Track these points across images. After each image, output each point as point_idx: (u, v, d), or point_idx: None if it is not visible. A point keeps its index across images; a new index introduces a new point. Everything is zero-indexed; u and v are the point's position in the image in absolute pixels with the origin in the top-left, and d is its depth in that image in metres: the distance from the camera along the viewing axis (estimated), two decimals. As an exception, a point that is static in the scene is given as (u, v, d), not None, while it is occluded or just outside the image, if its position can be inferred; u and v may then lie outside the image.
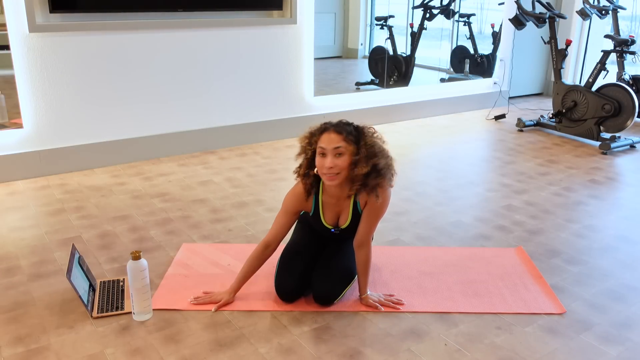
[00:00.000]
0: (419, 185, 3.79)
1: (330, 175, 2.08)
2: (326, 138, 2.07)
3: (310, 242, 2.46)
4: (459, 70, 6.27)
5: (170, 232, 3.02)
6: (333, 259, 2.39)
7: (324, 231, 2.38)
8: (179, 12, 4.11)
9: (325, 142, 2.07)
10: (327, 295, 2.29)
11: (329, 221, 2.32)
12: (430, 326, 2.20)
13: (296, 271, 2.33)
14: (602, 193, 3.71)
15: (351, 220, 2.30)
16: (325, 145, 2.07)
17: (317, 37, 4.83)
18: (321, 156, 2.09)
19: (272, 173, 3.99)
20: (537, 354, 2.04)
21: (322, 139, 2.09)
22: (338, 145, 2.05)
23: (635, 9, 6.87)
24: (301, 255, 2.40)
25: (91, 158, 4.02)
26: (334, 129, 2.08)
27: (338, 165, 2.06)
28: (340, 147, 2.05)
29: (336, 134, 2.06)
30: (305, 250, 2.42)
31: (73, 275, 2.19)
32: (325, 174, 2.09)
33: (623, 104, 4.66)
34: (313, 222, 2.37)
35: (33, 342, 2.07)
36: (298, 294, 2.33)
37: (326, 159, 2.06)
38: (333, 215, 2.30)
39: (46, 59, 3.70)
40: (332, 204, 2.28)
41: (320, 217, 2.31)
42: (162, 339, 2.09)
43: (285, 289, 2.31)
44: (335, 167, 2.06)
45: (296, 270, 2.34)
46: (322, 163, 2.08)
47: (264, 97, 4.68)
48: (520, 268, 2.66)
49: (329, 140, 2.06)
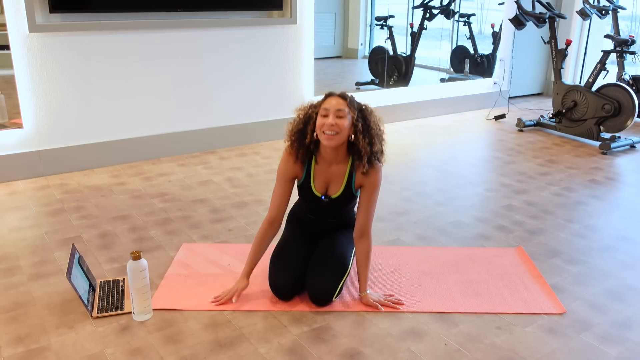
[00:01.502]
0: (419, 185, 3.79)
1: (330, 135, 2.17)
2: (330, 101, 2.20)
3: (300, 238, 2.47)
4: (459, 70, 6.27)
5: (170, 232, 3.02)
6: (326, 251, 2.39)
7: (313, 202, 2.39)
8: (179, 12, 4.11)
9: (328, 104, 2.19)
10: (324, 292, 2.28)
11: (318, 189, 2.36)
12: (430, 326, 2.20)
13: (289, 266, 2.34)
14: (602, 193, 3.71)
15: (343, 191, 2.34)
16: (328, 106, 2.18)
17: (317, 37, 4.84)
18: (323, 117, 2.19)
19: (272, 173, 3.99)
20: (537, 354, 2.04)
21: (325, 102, 2.21)
22: (340, 108, 2.17)
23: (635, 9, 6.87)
24: (292, 250, 2.40)
25: (91, 158, 4.02)
26: (338, 95, 2.22)
27: (338, 125, 2.16)
28: (343, 110, 2.17)
29: (340, 98, 2.20)
30: (296, 246, 2.43)
31: (73, 275, 2.19)
32: (325, 132, 2.18)
33: (623, 104, 4.66)
34: (303, 192, 2.40)
35: (33, 342, 2.07)
36: (293, 290, 2.32)
37: (328, 118, 2.17)
38: (323, 184, 2.35)
39: (46, 59, 3.70)
40: (323, 172, 2.33)
41: (310, 184, 2.35)
42: (162, 339, 2.09)
43: (279, 286, 2.31)
44: (335, 126, 2.16)
45: (289, 266, 2.34)
46: (323, 122, 2.18)
47: (264, 97, 4.68)
48: (520, 268, 2.66)
49: (332, 103, 2.19)
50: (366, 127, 2.22)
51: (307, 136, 2.25)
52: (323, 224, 2.49)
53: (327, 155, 2.29)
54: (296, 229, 2.53)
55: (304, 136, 2.26)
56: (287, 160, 2.33)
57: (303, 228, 2.53)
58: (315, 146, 2.30)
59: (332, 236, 2.47)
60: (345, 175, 2.32)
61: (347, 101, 2.19)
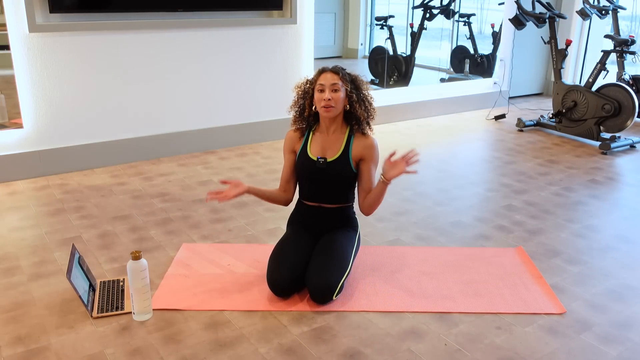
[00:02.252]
0: (419, 185, 3.79)
1: (327, 108, 2.38)
2: (324, 77, 2.40)
3: (300, 236, 2.48)
4: (459, 70, 6.27)
5: (170, 232, 3.02)
6: (326, 249, 2.39)
7: (309, 167, 2.48)
8: (179, 12, 4.11)
9: (323, 80, 2.39)
10: (325, 290, 2.27)
11: (314, 153, 2.48)
12: (430, 326, 2.20)
13: (287, 262, 2.34)
14: (602, 193, 3.71)
15: (340, 155, 2.45)
16: (323, 82, 2.39)
17: (317, 37, 4.84)
18: (319, 92, 2.40)
19: (272, 173, 3.99)
20: (537, 354, 2.04)
21: (320, 78, 2.41)
22: (335, 82, 2.38)
23: (635, 9, 6.87)
24: (291, 247, 2.41)
25: (91, 158, 4.02)
26: (331, 70, 2.42)
27: (334, 98, 2.38)
28: (337, 84, 2.38)
29: (333, 73, 2.40)
30: (295, 243, 2.44)
31: (73, 275, 2.19)
32: (323, 106, 2.39)
33: (623, 104, 4.66)
34: (300, 160, 2.52)
35: (33, 342, 2.07)
36: (291, 286, 2.32)
37: (324, 93, 2.38)
38: (319, 149, 2.49)
39: (46, 59, 3.70)
40: (321, 140, 2.49)
41: (306, 150, 2.50)
42: (162, 339, 2.09)
43: (276, 282, 2.31)
44: (332, 100, 2.37)
45: (287, 262, 2.34)
46: (320, 97, 2.39)
47: (264, 97, 4.68)
48: (520, 268, 2.66)
49: (326, 79, 2.39)
50: (360, 96, 2.45)
51: (306, 110, 2.48)
52: (322, 215, 2.50)
53: (326, 126, 2.48)
54: (296, 229, 2.55)
55: (304, 110, 2.49)
56: (290, 135, 2.57)
57: (303, 227, 2.54)
58: (314, 118, 2.51)
59: (332, 235, 2.47)
60: (343, 141, 2.47)
61: (339, 75, 2.40)
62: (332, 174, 2.46)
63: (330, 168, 2.45)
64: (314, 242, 2.49)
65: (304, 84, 2.50)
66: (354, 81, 2.45)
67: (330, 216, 2.52)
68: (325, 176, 2.46)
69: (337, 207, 2.52)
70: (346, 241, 2.45)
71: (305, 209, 2.55)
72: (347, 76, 2.43)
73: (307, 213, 2.55)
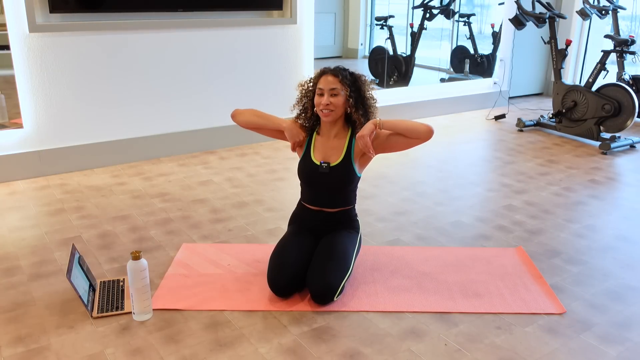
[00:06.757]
0: (419, 185, 3.79)
1: (326, 112, 2.37)
2: (324, 80, 2.37)
3: (300, 237, 2.48)
4: (459, 70, 6.27)
5: (170, 232, 3.02)
6: (328, 250, 2.39)
7: (312, 172, 2.46)
8: (179, 12, 4.11)
9: (323, 84, 2.36)
10: (326, 291, 2.26)
11: (317, 157, 2.47)
12: (430, 326, 2.20)
13: (287, 262, 2.33)
14: (602, 193, 3.71)
15: (343, 159, 2.43)
16: (323, 86, 2.36)
17: (317, 37, 4.84)
18: (319, 95, 2.38)
19: (272, 173, 3.99)
20: (537, 354, 2.04)
21: (320, 81, 2.38)
22: (334, 87, 2.34)
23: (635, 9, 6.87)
24: (291, 247, 2.41)
25: (91, 158, 4.02)
26: (330, 73, 2.37)
27: (333, 103, 2.35)
28: (336, 89, 2.34)
29: (333, 76, 2.36)
30: (296, 243, 2.43)
31: (73, 275, 2.20)
32: (322, 110, 2.38)
33: (623, 104, 4.66)
34: (303, 164, 2.49)
35: (33, 342, 2.07)
36: (290, 286, 2.31)
37: (323, 97, 2.35)
38: (322, 153, 2.47)
39: (46, 59, 3.70)
40: (323, 144, 2.47)
41: (310, 154, 2.49)
42: (162, 339, 2.09)
43: (276, 281, 2.31)
44: (331, 105, 2.35)
45: (287, 261, 2.34)
46: (320, 101, 2.37)
47: (264, 97, 4.68)
48: (520, 268, 2.66)
49: (326, 82, 2.36)
50: (360, 99, 2.40)
51: (309, 110, 2.47)
52: (324, 219, 2.50)
53: (327, 128, 2.47)
54: (297, 229, 2.54)
55: (307, 109, 2.48)
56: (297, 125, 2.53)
57: (304, 228, 2.53)
58: (317, 119, 2.50)
59: (334, 235, 2.47)
60: (345, 144, 2.45)
61: (339, 78, 2.35)
62: (335, 178, 2.44)
63: (334, 172, 2.43)
64: (315, 242, 2.49)
65: (307, 82, 2.48)
66: (356, 82, 2.40)
67: (332, 219, 2.51)
68: (328, 181, 2.45)
69: (339, 211, 2.52)
70: (347, 242, 2.45)
71: (307, 212, 2.54)
72: (348, 78, 2.37)
73: (309, 216, 2.54)
